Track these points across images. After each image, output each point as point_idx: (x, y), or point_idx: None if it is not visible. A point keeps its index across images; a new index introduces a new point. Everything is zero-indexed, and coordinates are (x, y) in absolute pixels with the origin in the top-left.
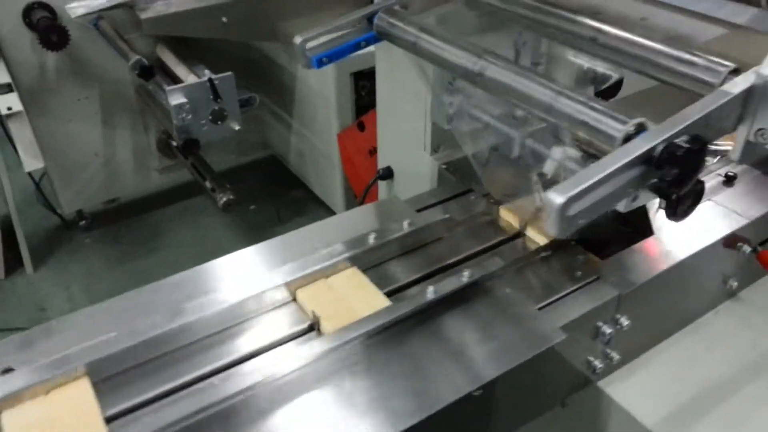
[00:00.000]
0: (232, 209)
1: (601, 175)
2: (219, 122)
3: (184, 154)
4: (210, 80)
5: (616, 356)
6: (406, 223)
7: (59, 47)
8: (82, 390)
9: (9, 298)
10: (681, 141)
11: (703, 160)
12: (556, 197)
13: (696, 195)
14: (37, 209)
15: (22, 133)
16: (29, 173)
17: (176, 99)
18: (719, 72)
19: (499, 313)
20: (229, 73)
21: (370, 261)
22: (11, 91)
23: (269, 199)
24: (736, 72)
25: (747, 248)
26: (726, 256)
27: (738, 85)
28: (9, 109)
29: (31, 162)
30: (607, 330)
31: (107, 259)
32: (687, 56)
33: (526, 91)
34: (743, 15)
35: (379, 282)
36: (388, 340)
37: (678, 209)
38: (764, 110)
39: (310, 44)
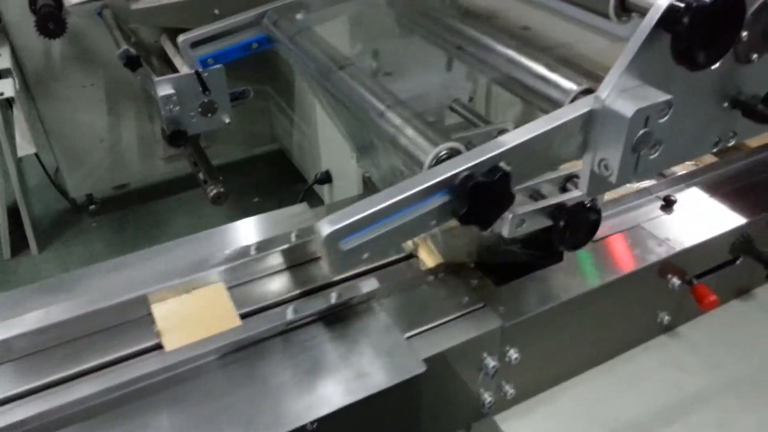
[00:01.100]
0: (222, 202)
1: (382, 206)
2: (209, 114)
3: (172, 145)
4: (197, 72)
5: (510, 390)
6: (293, 235)
7: (56, 35)
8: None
9: (12, 278)
10: (479, 173)
11: (508, 192)
12: (324, 228)
13: (590, 225)
14: (52, 192)
15: (16, 118)
16: (37, 157)
17: (164, 90)
18: (568, 91)
19: (365, 339)
20: (219, 66)
21: (242, 275)
22: (9, 77)
23: (274, 192)
24: (587, 92)
25: (676, 280)
26: (654, 287)
27: (574, 109)
28: (1, 94)
29: (24, 147)
30: (491, 363)
31: (109, 245)
32: (541, 71)
33: (361, 102)
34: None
35: (246, 298)
36: (240, 361)
37: (565, 239)
38: (605, 139)
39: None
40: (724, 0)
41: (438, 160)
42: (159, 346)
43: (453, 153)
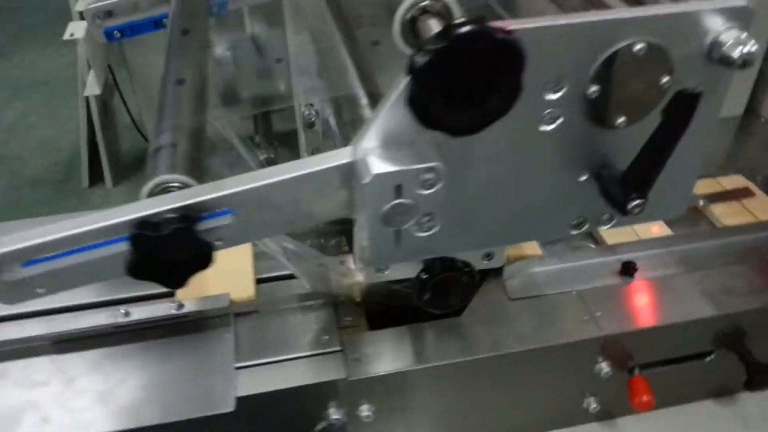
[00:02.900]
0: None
1: (49, 239)
2: None
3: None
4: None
5: None
6: None
7: None
8: None
9: (86, 206)
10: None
11: (199, 248)
12: None
13: (462, 288)
14: (135, 134)
15: (82, 60)
16: (122, 100)
17: None
18: None
19: (192, 359)
20: None
21: None
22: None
23: None
24: None
25: (605, 366)
26: (572, 367)
27: (334, 157)
28: (72, 35)
29: (90, 88)
30: (334, 415)
31: None
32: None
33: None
34: None
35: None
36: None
37: (424, 296)
38: (359, 202)
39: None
40: (486, 41)
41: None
42: None
43: (181, 187)
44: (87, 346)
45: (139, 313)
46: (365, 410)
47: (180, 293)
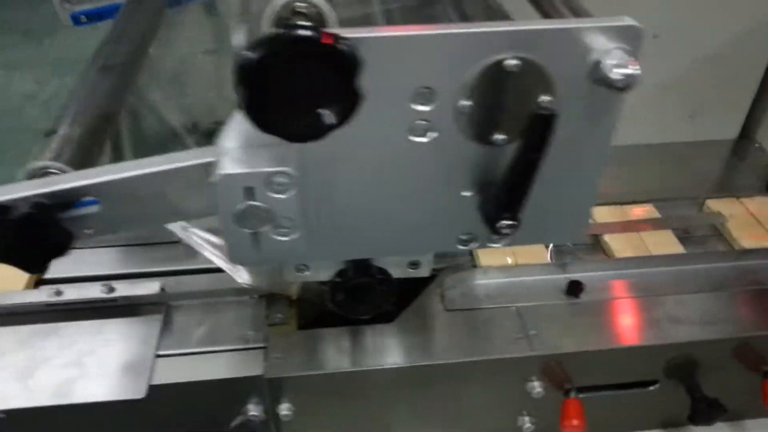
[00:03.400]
0: None
1: None
2: None
3: None
4: None
5: None
6: None
7: None
8: None
9: None
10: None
11: (53, 232)
12: None
13: (379, 295)
14: None
15: None
16: None
17: None
18: None
19: (117, 343)
20: None
21: None
22: None
23: None
24: None
25: (538, 386)
26: (503, 386)
27: (200, 154)
28: None
29: None
30: (252, 412)
31: None
32: None
33: None
34: None
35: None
36: None
37: (337, 299)
38: None
39: None
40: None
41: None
42: None
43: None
44: (19, 321)
45: (72, 293)
46: (285, 409)
47: None
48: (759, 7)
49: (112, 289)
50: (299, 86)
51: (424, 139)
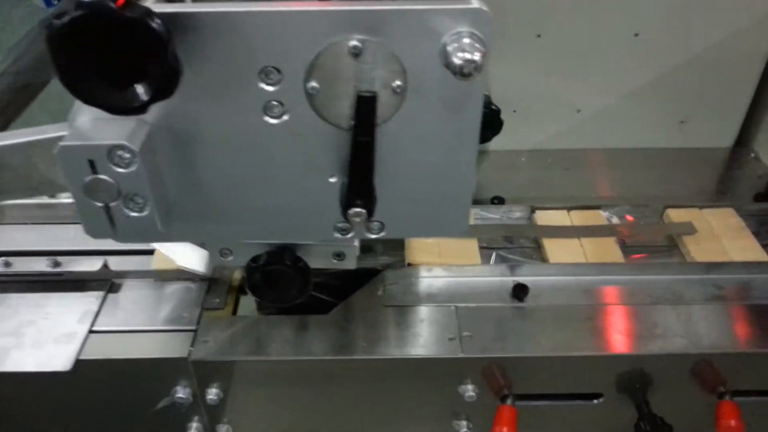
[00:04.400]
0: None
1: None
2: None
3: None
4: None
5: (223, 428)
6: None
7: None
8: None
9: None
10: None
11: None
12: None
13: (295, 283)
14: None
15: None
16: None
17: None
18: None
19: (54, 315)
20: None
21: None
22: None
23: None
24: None
25: (471, 390)
26: (434, 387)
27: (58, 128)
28: None
29: None
30: (179, 393)
31: None
32: None
33: None
34: None
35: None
36: None
37: (254, 284)
38: None
39: None
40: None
41: None
42: None
43: None
44: None
45: (20, 265)
46: (212, 393)
47: None
48: (751, 10)
49: (57, 264)
50: (110, 57)
51: (279, 121)
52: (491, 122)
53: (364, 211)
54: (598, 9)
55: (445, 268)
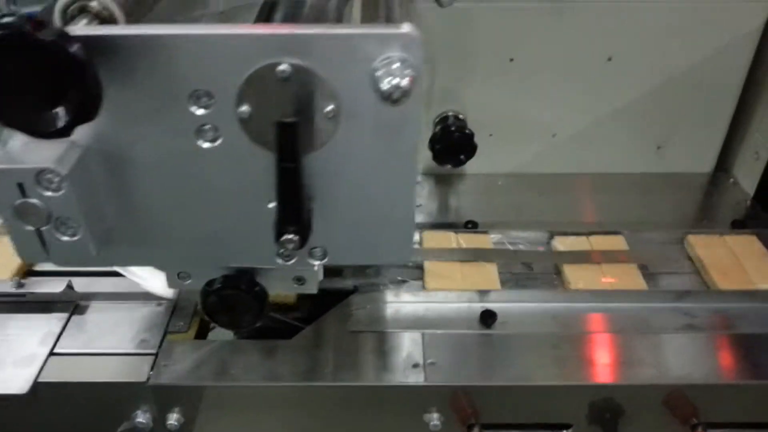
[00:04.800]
0: None
1: None
2: None
3: None
4: None
5: None
6: None
7: None
8: None
9: None
10: None
11: None
12: None
13: (247, 307)
14: None
15: None
16: None
17: None
18: None
19: (19, 338)
20: None
21: None
22: None
23: None
24: None
25: (435, 419)
26: (399, 415)
27: None
28: None
29: None
30: (139, 418)
31: None
32: None
33: None
34: None
35: None
36: None
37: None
38: None
39: None
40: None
41: None
42: None
43: None
44: None
45: None
46: (172, 419)
47: None
48: (726, 34)
49: (21, 285)
50: (28, 80)
51: (213, 145)
52: (464, 146)
53: (296, 238)
54: (570, 33)
55: (413, 294)
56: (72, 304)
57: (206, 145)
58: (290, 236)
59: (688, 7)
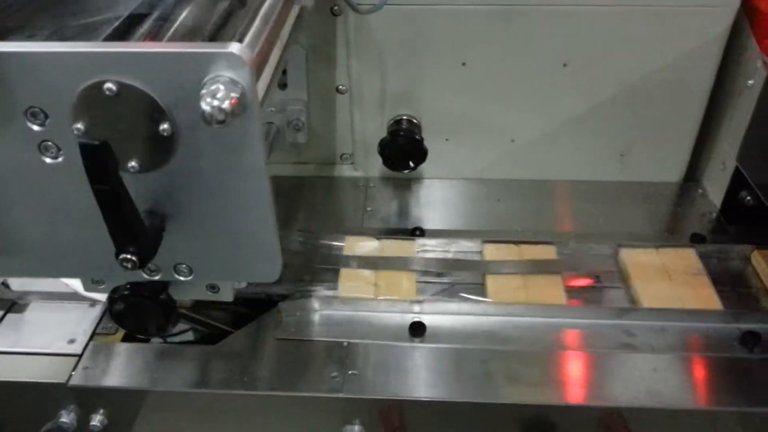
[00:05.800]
0: None
1: None
2: None
3: None
4: None
5: None
6: None
7: None
8: None
9: None
10: None
11: None
12: None
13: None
14: None
15: None
16: None
17: None
18: None
19: None
20: None
21: None
22: None
23: None
24: None
25: (356, 429)
26: (319, 426)
27: None
28: None
29: None
30: (63, 419)
31: None
32: None
33: None
34: None
35: None
36: None
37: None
38: None
39: None
40: None
41: None
42: None
43: None
44: None
45: None
46: (95, 420)
47: None
48: (685, 40)
49: None
50: None
51: (56, 161)
52: (413, 152)
53: (134, 258)
54: (522, 38)
55: (344, 302)
56: (8, 303)
57: (49, 160)
58: (127, 255)
59: (650, 12)
